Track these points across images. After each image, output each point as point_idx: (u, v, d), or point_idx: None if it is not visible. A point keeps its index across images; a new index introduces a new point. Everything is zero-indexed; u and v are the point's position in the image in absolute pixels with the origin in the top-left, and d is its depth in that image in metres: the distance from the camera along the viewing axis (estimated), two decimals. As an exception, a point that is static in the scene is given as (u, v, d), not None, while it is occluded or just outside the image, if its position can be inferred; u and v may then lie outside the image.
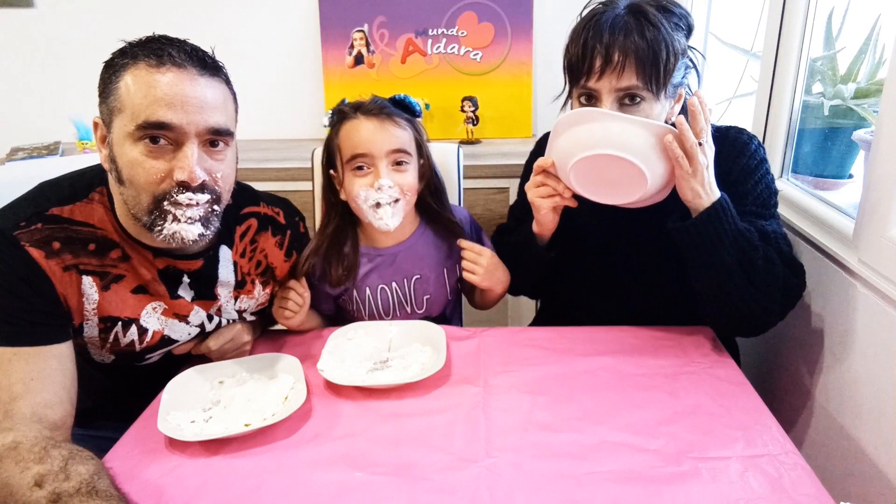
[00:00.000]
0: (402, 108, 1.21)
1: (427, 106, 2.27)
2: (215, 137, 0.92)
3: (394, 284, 1.28)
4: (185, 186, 0.90)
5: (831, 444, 1.16)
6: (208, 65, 0.93)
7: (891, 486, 0.99)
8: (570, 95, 1.09)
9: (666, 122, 1.06)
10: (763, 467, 0.86)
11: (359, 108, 1.19)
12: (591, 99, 1.03)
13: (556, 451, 0.90)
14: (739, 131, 1.15)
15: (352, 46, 2.28)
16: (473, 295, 1.40)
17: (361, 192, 1.17)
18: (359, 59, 2.29)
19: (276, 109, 2.37)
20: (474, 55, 2.27)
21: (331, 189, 1.26)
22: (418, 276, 1.29)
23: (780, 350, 1.35)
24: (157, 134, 0.88)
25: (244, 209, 1.13)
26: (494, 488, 0.84)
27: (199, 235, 0.94)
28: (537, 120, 2.34)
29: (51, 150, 2.19)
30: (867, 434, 1.06)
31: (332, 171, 1.24)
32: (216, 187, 0.94)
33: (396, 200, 1.18)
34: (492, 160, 2.02)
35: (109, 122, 0.90)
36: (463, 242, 1.26)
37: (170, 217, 0.91)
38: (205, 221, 0.94)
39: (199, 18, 2.28)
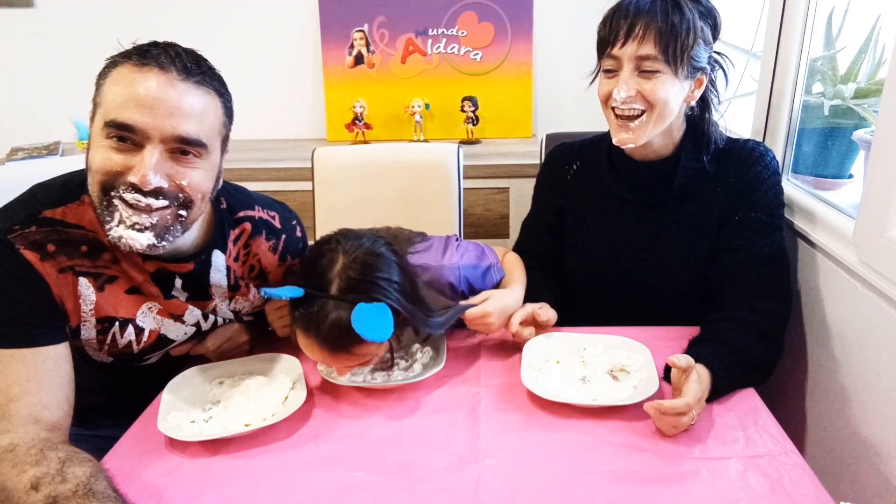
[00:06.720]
0: None
1: (427, 106, 2.27)
2: (184, 147, 0.88)
3: None
4: (135, 188, 0.86)
5: (831, 444, 1.16)
6: (193, 71, 0.89)
7: (891, 486, 0.99)
8: (597, 72, 1.20)
9: (686, 102, 1.15)
10: (763, 467, 0.86)
11: None
12: (612, 72, 1.13)
13: (556, 451, 0.90)
14: (757, 143, 1.22)
15: (352, 46, 2.28)
16: None
17: None
18: (359, 59, 2.29)
19: (276, 109, 2.38)
20: (474, 55, 2.27)
21: None
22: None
23: (780, 350, 1.35)
24: (123, 134, 0.86)
25: (238, 213, 1.10)
26: (494, 488, 0.84)
27: (150, 246, 0.89)
28: (537, 120, 2.33)
29: (51, 150, 2.19)
30: (867, 434, 1.05)
31: None
32: (181, 194, 0.90)
33: None
34: (492, 160, 2.02)
35: (93, 117, 0.90)
36: (466, 317, 1.12)
37: (117, 216, 0.88)
38: (161, 230, 0.89)
39: (200, 19, 2.28)
